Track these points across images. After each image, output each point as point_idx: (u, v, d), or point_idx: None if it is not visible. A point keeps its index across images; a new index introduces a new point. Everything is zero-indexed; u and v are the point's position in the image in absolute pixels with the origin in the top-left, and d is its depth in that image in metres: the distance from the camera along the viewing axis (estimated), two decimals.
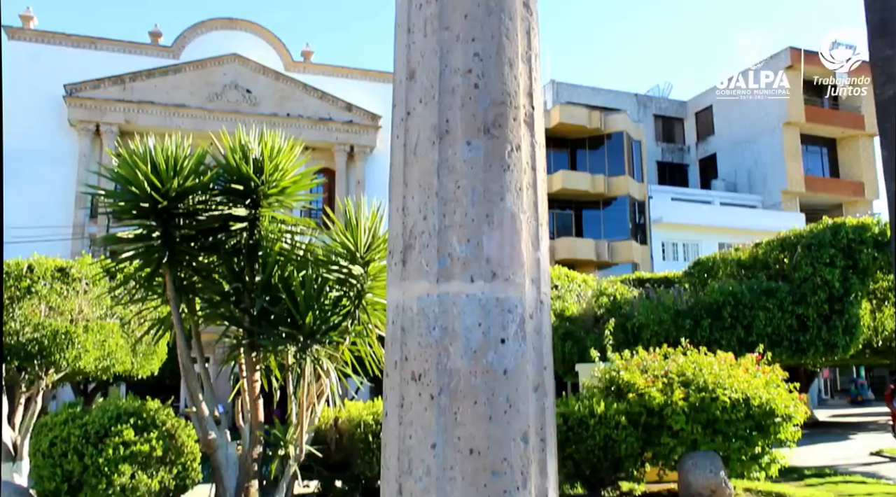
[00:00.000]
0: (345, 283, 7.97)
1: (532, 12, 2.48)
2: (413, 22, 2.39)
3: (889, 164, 7.51)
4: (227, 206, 7.90)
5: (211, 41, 32.50)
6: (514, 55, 2.32)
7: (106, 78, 29.53)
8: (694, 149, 49.33)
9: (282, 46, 33.70)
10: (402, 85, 2.36)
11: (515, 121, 2.27)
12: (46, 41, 30.44)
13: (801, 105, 43.32)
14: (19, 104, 28.42)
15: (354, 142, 32.58)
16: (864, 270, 17.57)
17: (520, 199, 2.23)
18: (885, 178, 7.77)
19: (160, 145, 7.78)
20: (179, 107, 30.10)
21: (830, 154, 46.12)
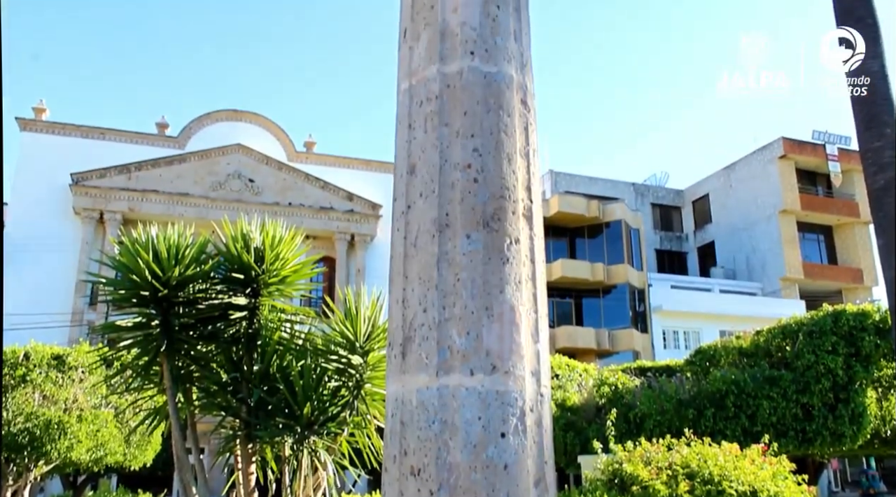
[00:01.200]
0: (344, 373, 7.89)
1: (530, 109, 2.56)
2: (414, 118, 2.47)
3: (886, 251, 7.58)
4: (227, 294, 7.90)
5: (216, 132, 33.26)
6: (513, 151, 2.39)
7: (112, 167, 30.08)
8: (692, 237, 49.75)
9: (285, 137, 34.45)
10: (403, 179, 2.42)
11: (514, 214, 2.31)
12: (57, 132, 31.16)
13: (795, 193, 43.95)
14: (27, 192, 28.86)
15: (355, 231, 32.89)
16: (867, 358, 17.42)
17: (519, 292, 2.24)
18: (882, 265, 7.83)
19: (163, 234, 7.85)
20: (183, 195, 30.53)
21: (827, 241, 46.47)
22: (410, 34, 2.64)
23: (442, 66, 2.45)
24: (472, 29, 2.52)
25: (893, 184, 7.52)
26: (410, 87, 2.52)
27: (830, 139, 44.59)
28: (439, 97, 2.41)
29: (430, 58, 2.49)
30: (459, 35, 2.51)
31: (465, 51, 2.47)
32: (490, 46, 2.51)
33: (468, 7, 2.56)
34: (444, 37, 2.51)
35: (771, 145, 45.02)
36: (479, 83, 2.41)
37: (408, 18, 2.69)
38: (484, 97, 2.40)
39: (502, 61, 2.50)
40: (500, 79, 2.46)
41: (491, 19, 2.57)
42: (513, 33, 2.59)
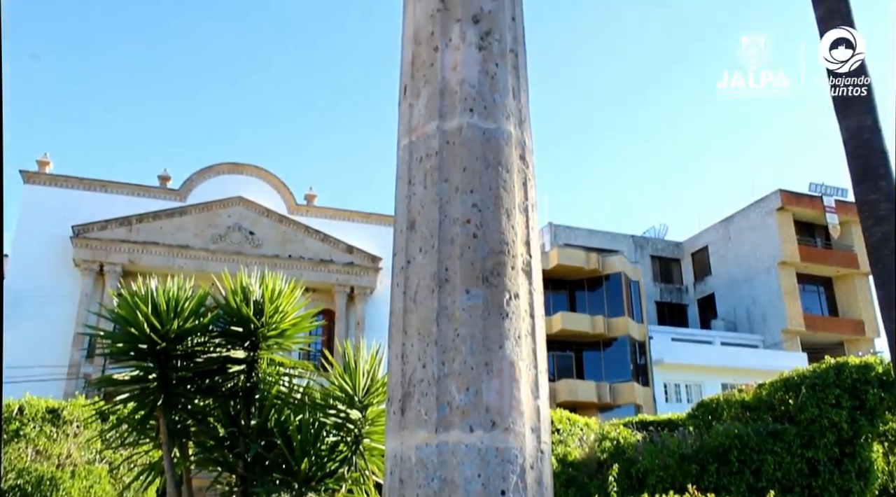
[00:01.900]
0: (342, 428, 7.80)
1: (528, 165, 2.59)
2: (414, 174, 2.50)
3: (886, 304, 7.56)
4: (225, 347, 7.86)
5: (217, 184, 33.51)
6: (512, 206, 2.41)
7: (113, 219, 30.22)
8: (692, 289, 49.70)
9: (286, 190, 34.70)
10: (403, 234, 2.43)
11: (513, 269, 2.32)
12: (60, 185, 31.40)
13: (794, 245, 44.07)
14: (28, 244, 28.94)
15: (355, 283, 32.88)
16: (871, 411, 17.22)
17: (519, 347, 2.24)
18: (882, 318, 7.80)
19: (162, 286, 7.84)
20: (183, 248, 30.61)
21: (828, 292, 46.41)
22: (410, 91, 2.68)
23: (441, 123, 2.49)
24: (472, 86, 2.56)
25: (891, 236, 7.54)
26: (410, 144, 2.56)
27: (827, 191, 44.91)
28: (439, 153, 2.44)
29: (430, 114, 2.53)
30: (459, 92, 2.55)
31: (464, 108, 2.51)
32: (489, 103, 2.55)
33: (467, 65, 2.61)
34: (443, 94, 2.55)
35: (768, 198, 45.32)
36: (478, 139, 2.45)
37: (408, 76, 2.74)
38: (483, 153, 2.43)
39: (501, 118, 2.54)
40: (499, 135, 2.50)
41: (490, 77, 2.61)
42: (511, 90, 2.64)
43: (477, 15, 2.74)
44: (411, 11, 2.89)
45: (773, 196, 44.95)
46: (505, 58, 2.70)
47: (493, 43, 2.69)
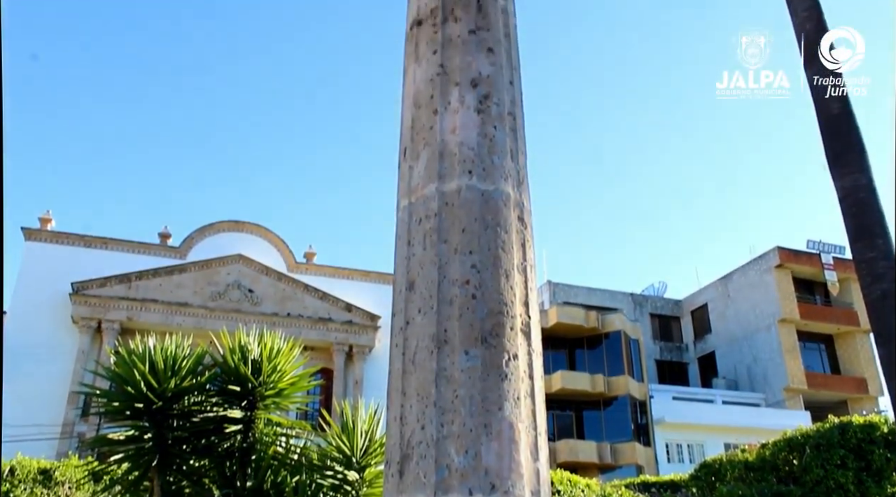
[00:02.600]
0: (339, 490, 7.67)
1: (526, 225, 2.62)
2: (413, 235, 2.52)
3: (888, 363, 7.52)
4: (222, 407, 7.78)
5: (217, 242, 33.63)
6: (510, 266, 2.42)
7: (113, 276, 30.23)
8: (692, 347, 49.42)
9: (285, 248, 34.81)
10: (402, 295, 2.45)
11: (512, 330, 2.32)
12: (61, 242, 31.52)
13: (793, 302, 43.98)
14: (26, 301, 28.87)
15: (353, 342, 32.72)
16: (878, 473, 16.94)
17: (518, 409, 2.23)
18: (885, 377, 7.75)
19: (160, 344, 7.81)
20: (182, 305, 30.54)
21: (829, 350, 46.12)
22: (410, 153, 2.73)
23: (441, 185, 2.53)
24: (470, 149, 2.61)
25: (890, 294, 7.55)
26: (410, 205, 2.59)
27: (825, 248, 45.04)
28: (438, 214, 2.47)
29: (430, 176, 2.57)
30: (458, 155, 2.60)
31: (463, 170, 2.55)
32: (487, 165, 2.59)
33: (466, 128, 2.66)
34: (442, 156, 2.60)
35: (766, 255, 45.44)
36: (476, 201, 2.48)
37: (408, 138, 2.79)
38: (482, 214, 2.46)
39: (499, 179, 2.58)
40: (498, 196, 2.53)
41: (488, 139, 2.66)
42: (509, 152, 2.69)
43: (475, 79, 2.81)
44: (411, 76, 2.96)
45: (771, 253, 45.08)
46: (503, 120, 2.75)
47: (491, 106, 2.75)
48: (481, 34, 2.94)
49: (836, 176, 8.28)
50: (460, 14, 3.01)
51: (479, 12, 3.04)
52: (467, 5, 3.05)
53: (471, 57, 2.85)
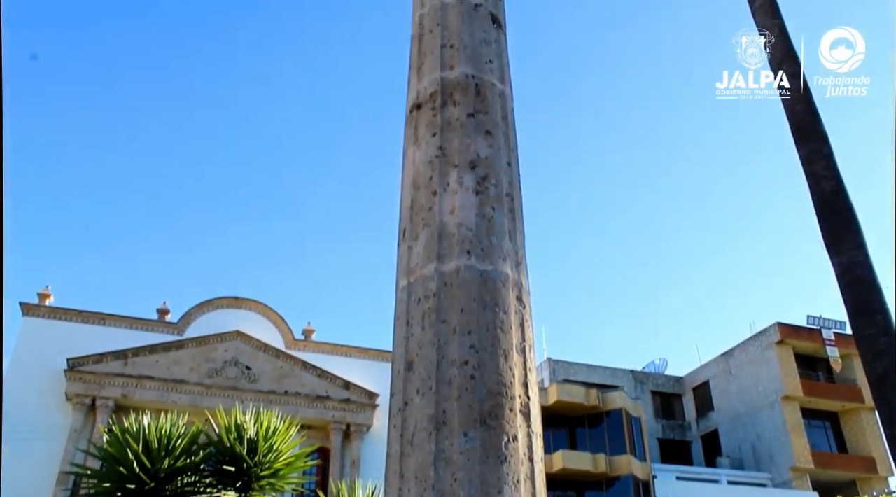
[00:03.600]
0: None
1: (525, 306, 2.63)
2: (412, 315, 2.53)
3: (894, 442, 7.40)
4: (216, 488, 7.64)
5: (216, 318, 33.50)
6: (509, 347, 2.43)
7: (109, 352, 29.99)
8: (694, 425, 48.65)
9: (284, 325, 34.66)
10: (401, 376, 2.44)
11: (512, 411, 2.31)
12: (59, 317, 31.39)
13: (796, 379, 43.51)
14: (21, 378, 28.52)
15: (351, 420, 32.25)
16: None
17: (518, 492, 2.19)
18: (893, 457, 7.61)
19: (154, 423, 7.71)
20: (178, 382, 30.21)
21: (834, 428, 45.37)
22: (409, 234, 2.77)
23: (440, 265, 2.55)
24: (469, 229, 2.65)
25: (892, 371, 7.49)
26: (409, 285, 2.61)
27: (826, 324, 44.84)
28: (437, 295, 2.49)
29: (429, 256, 2.60)
30: (456, 235, 2.63)
31: (461, 250, 2.58)
32: (486, 246, 2.62)
33: (465, 209, 2.71)
34: (441, 237, 2.63)
35: (767, 331, 45.23)
36: (475, 281, 2.50)
37: (407, 219, 2.83)
38: (480, 295, 2.48)
39: (498, 260, 2.60)
40: (497, 277, 2.55)
41: (486, 220, 2.70)
42: (508, 233, 2.72)
43: (474, 161, 2.87)
44: (410, 157, 3.03)
45: (772, 330, 44.88)
46: (501, 201, 2.80)
47: (489, 187, 2.81)
48: (479, 117, 3.03)
49: (833, 253, 8.34)
50: (459, 98, 3.10)
51: (478, 96, 3.13)
52: (466, 89, 3.14)
53: (469, 139, 2.93)
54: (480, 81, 3.19)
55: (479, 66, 3.26)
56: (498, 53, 3.44)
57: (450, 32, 3.40)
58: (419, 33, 3.58)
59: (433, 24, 3.49)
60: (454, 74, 3.19)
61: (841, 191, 8.61)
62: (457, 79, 3.17)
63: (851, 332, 8.33)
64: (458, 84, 3.15)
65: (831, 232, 8.42)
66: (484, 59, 3.31)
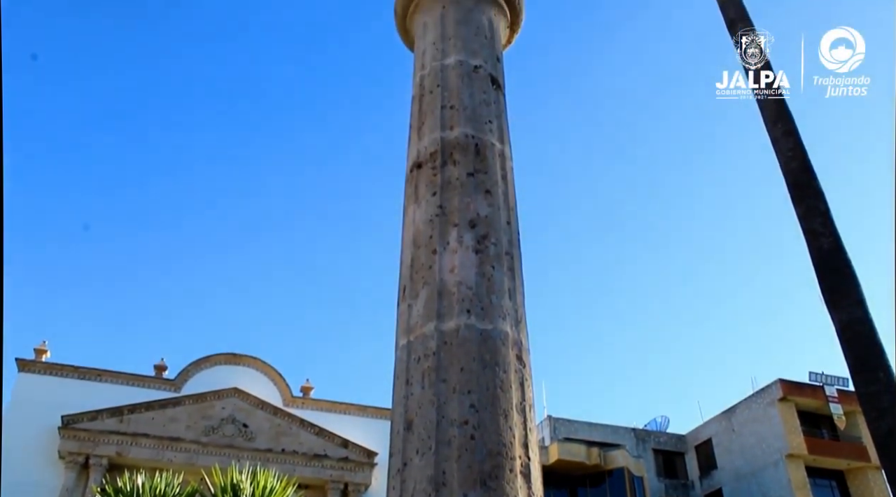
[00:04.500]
0: None
1: (525, 365, 2.63)
2: (412, 374, 2.52)
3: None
4: None
5: (213, 375, 33.21)
6: (509, 406, 2.41)
7: (104, 410, 29.64)
8: (698, 484, 47.77)
9: (282, 382, 34.36)
10: (400, 435, 2.42)
11: (512, 472, 2.28)
12: (55, 373, 31.12)
13: (800, 437, 42.89)
14: (13, 436, 28.09)
15: (349, 479, 31.69)
16: None
17: None
18: None
19: (148, 483, 7.59)
20: (174, 440, 29.77)
21: (841, 487, 44.53)
22: (409, 292, 2.78)
23: (439, 324, 2.56)
24: (469, 288, 2.66)
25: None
26: (409, 344, 2.61)
27: (828, 381, 44.41)
28: (437, 353, 2.49)
29: (428, 315, 2.61)
30: (456, 294, 2.64)
31: (461, 309, 2.59)
32: (486, 304, 2.63)
33: (465, 267, 2.72)
34: (441, 295, 2.64)
35: (769, 388, 44.78)
36: (475, 340, 2.50)
37: (407, 277, 2.85)
38: (480, 354, 2.48)
39: (498, 318, 2.61)
40: (496, 336, 2.55)
41: (486, 279, 2.72)
42: (507, 292, 2.73)
43: (473, 220, 2.90)
44: (411, 216, 3.06)
45: (774, 386, 44.44)
46: (501, 260, 2.82)
47: (489, 246, 2.83)
48: (479, 177, 3.07)
49: (833, 309, 8.32)
50: (459, 158, 3.14)
51: (477, 156, 3.18)
52: (466, 149, 3.19)
53: (469, 198, 2.96)
54: (480, 141, 3.24)
55: (478, 126, 3.32)
56: (497, 114, 3.50)
57: (450, 93, 3.47)
58: (420, 94, 3.65)
59: (433, 85, 3.56)
60: (454, 134, 3.25)
61: (839, 248, 8.64)
62: (457, 139, 3.23)
63: (854, 389, 8.26)
64: (458, 144, 3.21)
65: (830, 288, 8.42)
66: (483, 119, 3.37)
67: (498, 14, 4.25)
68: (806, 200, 9.02)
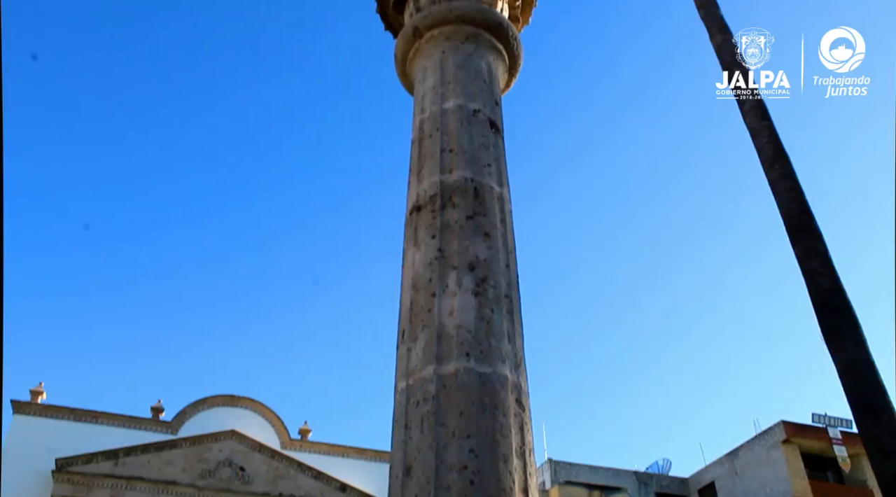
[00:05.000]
0: None
1: (525, 409, 2.61)
2: (410, 418, 2.50)
3: None
4: None
5: (211, 417, 32.91)
6: (509, 451, 2.39)
7: (100, 452, 29.29)
8: None
9: (280, 424, 34.04)
10: (399, 481, 2.39)
11: None
12: (50, 416, 30.83)
13: (804, 480, 42.31)
14: (7, 479, 27.74)
15: None
16: None
17: None
18: None
19: None
20: (170, 483, 29.37)
21: None
22: (408, 336, 2.77)
23: (438, 367, 2.55)
24: (468, 331, 2.65)
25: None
26: (408, 387, 2.59)
27: (831, 422, 43.97)
28: (436, 397, 2.47)
29: (427, 359, 2.60)
30: (455, 337, 2.63)
31: (460, 352, 2.58)
32: (485, 348, 2.62)
33: (464, 310, 2.72)
34: (440, 339, 2.64)
35: (772, 430, 44.31)
36: (474, 384, 2.49)
37: (406, 321, 2.84)
38: (479, 398, 2.46)
39: (497, 362, 2.60)
40: (495, 379, 2.54)
41: (485, 322, 2.71)
42: (507, 335, 2.73)
43: (473, 262, 2.90)
44: (410, 259, 3.06)
45: (777, 428, 43.97)
46: (500, 303, 2.82)
47: (488, 289, 2.83)
48: (478, 220, 3.09)
49: (834, 351, 8.29)
50: (458, 200, 3.16)
51: (476, 199, 3.20)
52: (465, 192, 3.21)
53: (468, 241, 2.97)
54: (479, 184, 3.27)
55: (477, 169, 3.34)
56: (496, 157, 3.54)
57: (449, 137, 3.51)
58: (419, 137, 3.69)
59: (433, 129, 3.60)
60: (453, 178, 3.27)
61: (838, 288, 8.64)
62: (456, 182, 3.25)
63: (858, 432, 8.18)
64: (457, 187, 3.23)
65: (831, 329, 8.40)
66: (482, 162, 3.40)
67: (496, 59, 4.32)
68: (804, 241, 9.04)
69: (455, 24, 4.22)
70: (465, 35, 4.20)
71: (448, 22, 4.25)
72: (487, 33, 4.28)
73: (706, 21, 10.88)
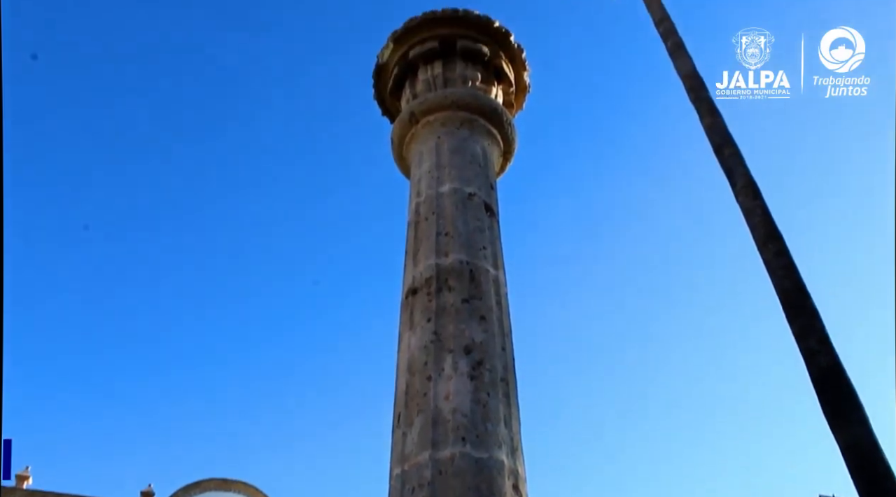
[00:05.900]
0: None
1: (521, 494, 2.57)
2: None
3: None
4: None
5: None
6: None
7: None
8: None
9: None
10: None
11: None
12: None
13: None
14: None
15: None
16: None
17: None
18: None
19: None
20: None
21: None
22: (404, 420, 2.75)
23: (434, 453, 2.52)
24: (464, 416, 2.63)
25: None
26: (403, 473, 2.56)
27: None
28: (431, 484, 2.43)
29: (423, 444, 2.57)
30: (451, 421, 2.61)
31: (456, 437, 2.56)
32: (481, 432, 2.60)
33: (459, 395, 2.71)
34: (436, 423, 2.62)
35: None
36: (470, 470, 2.46)
37: (401, 404, 2.82)
38: (476, 484, 2.43)
39: (493, 447, 2.57)
40: (492, 465, 2.51)
41: (482, 406, 2.70)
42: (503, 419, 2.71)
43: (469, 346, 2.90)
44: (406, 342, 3.06)
45: None
46: (496, 387, 2.81)
47: (484, 372, 2.82)
48: (474, 303, 3.10)
49: (836, 429, 8.17)
50: (454, 284, 3.19)
51: (472, 282, 3.22)
52: (461, 275, 3.24)
53: (464, 325, 2.98)
54: (475, 268, 3.30)
55: (473, 252, 3.38)
56: (491, 240, 3.58)
57: (445, 220, 3.55)
58: (415, 220, 3.74)
59: (429, 212, 3.65)
60: (449, 261, 3.30)
61: (837, 366, 8.57)
62: (452, 265, 3.28)
63: None
64: (453, 270, 3.26)
65: (831, 408, 8.29)
66: (478, 245, 3.44)
67: (491, 144, 4.42)
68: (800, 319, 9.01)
69: (451, 110, 4.34)
70: (460, 120, 4.31)
71: (444, 108, 4.36)
72: (482, 119, 4.40)
73: (696, 104, 11.14)
